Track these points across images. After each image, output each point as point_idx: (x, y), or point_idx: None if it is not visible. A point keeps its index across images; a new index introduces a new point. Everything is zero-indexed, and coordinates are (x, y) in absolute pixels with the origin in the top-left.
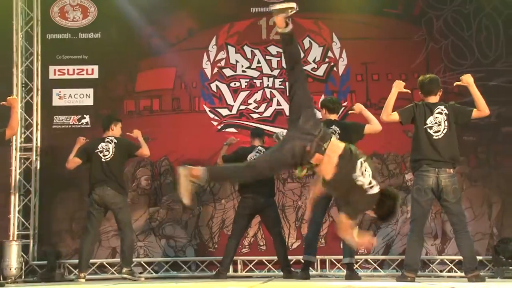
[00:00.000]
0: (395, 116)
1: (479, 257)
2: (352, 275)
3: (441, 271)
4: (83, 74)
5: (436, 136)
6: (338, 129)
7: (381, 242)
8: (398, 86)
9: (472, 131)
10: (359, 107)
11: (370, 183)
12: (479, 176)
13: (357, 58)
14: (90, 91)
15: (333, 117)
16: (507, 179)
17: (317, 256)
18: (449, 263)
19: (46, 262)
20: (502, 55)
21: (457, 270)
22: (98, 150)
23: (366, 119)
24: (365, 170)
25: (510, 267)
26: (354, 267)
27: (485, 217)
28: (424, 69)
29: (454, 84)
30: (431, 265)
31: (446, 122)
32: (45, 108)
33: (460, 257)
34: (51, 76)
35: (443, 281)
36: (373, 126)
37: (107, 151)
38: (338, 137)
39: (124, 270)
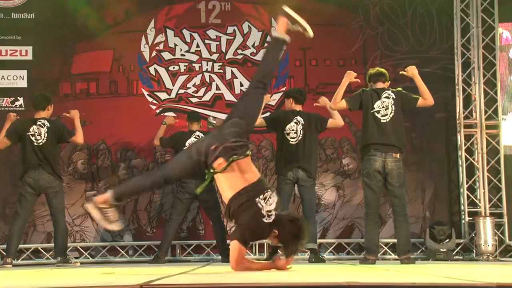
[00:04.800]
0: (343, 104)
1: (412, 240)
2: (316, 259)
3: None
4: (17, 56)
5: (384, 119)
6: (302, 119)
7: (319, 226)
8: (349, 77)
9: (407, 117)
10: (324, 101)
11: (269, 212)
12: (413, 161)
13: (295, 43)
14: (24, 72)
15: (298, 108)
16: (439, 164)
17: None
18: (383, 246)
19: None
20: (436, 42)
21: (391, 253)
22: (30, 133)
23: (330, 113)
24: (270, 198)
25: (442, 250)
26: (317, 251)
27: (418, 201)
28: (361, 55)
29: (400, 73)
30: None
31: (393, 106)
32: None
33: (394, 240)
34: None
35: (378, 263)
36: (336, 121)
37: (39, 135)
38: (302, 127)
39: (59, 259)
